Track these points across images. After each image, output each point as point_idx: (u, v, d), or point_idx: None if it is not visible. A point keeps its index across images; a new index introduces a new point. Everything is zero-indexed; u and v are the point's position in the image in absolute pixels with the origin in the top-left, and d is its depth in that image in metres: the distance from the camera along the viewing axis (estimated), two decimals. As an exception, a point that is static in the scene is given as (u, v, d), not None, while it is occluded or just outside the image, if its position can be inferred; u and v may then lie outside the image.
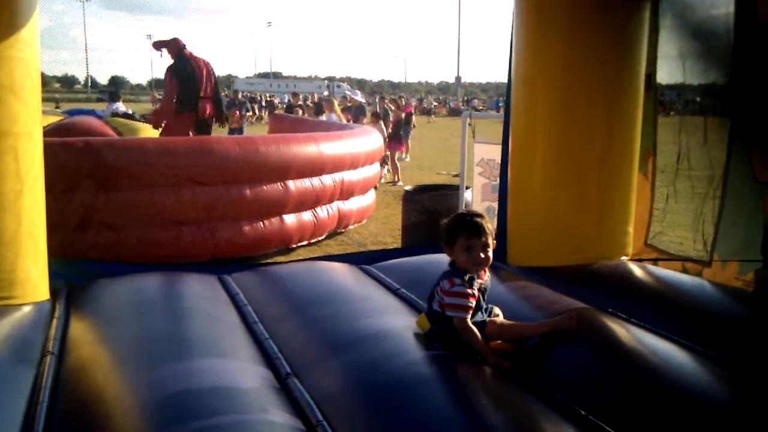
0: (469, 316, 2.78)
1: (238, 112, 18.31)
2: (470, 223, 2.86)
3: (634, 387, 2.66)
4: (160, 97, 10.08)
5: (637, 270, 4.21)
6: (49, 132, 6.61)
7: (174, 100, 8.34)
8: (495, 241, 2.91)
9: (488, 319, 2.90)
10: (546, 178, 4.46)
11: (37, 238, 3.58)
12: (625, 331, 3.16)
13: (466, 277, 2.81)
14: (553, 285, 3.85)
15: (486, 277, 2.92)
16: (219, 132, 17.96)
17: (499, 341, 2.92)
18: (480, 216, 2.94)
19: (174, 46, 8.38)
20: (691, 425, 2.40)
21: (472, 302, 2.80)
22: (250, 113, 28.41)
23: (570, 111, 4.34)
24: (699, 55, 4.54)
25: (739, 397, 2.62)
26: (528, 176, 4.57)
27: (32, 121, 3.52)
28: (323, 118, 14.06)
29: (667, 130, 4.94)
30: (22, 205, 3.45)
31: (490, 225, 2.92)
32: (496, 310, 3.00)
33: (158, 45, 8.43)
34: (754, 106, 4.13)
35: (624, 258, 4.56)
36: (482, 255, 2.82)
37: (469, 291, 2.79)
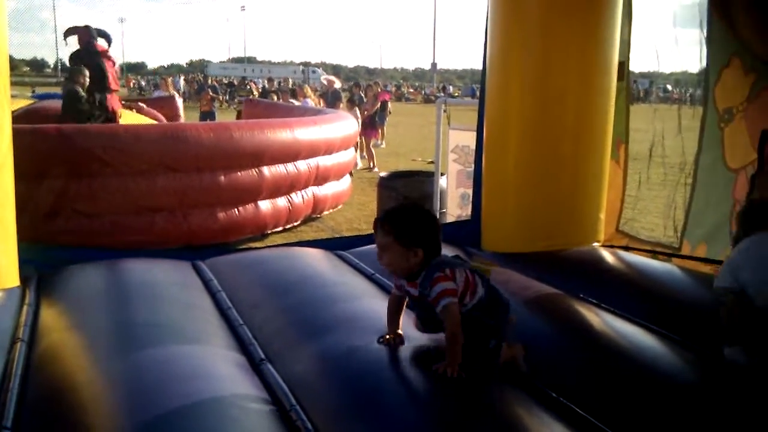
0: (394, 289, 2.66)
1: (208, 96, 18.09)
2: (376, 218, 2.58)
3: (603, 370, 2.72)
4: (135, 83, 9.80)
5: (608, 256, 4.27)
6: (17, 117, 6.47)
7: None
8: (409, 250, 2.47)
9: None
10: (519, 165, 4.50)
11: (5, 224, 3.53)
12: (596, 316, 3.21)
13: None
14: (526, 271, 3.90)
15: (413, 289, 2.54)
16: (191, 115, 17.87)
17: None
18: (398, 211, 2.62)
19: (84, 36, 7.71)
20: (658, 406, 2.45)
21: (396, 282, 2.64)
22: (221, 97, 28.09)
23: (543, 98, 4.37)
24: (672, 43, 4.59)
25: (705, 379, 2.68)
26: (502, 163, 4.60)
27: (-2, 107, 3.44)
28: (297, 103, 13.98)
29: (640, 118, 5.00)
30: (-14, 193, 3.39)
31: (400, 225, 2.50)
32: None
33: (68, 32, 7.80)
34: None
35: (595, 244, 4.62)
36: (377, 257, 2.57)
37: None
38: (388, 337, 2.64)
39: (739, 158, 4.28)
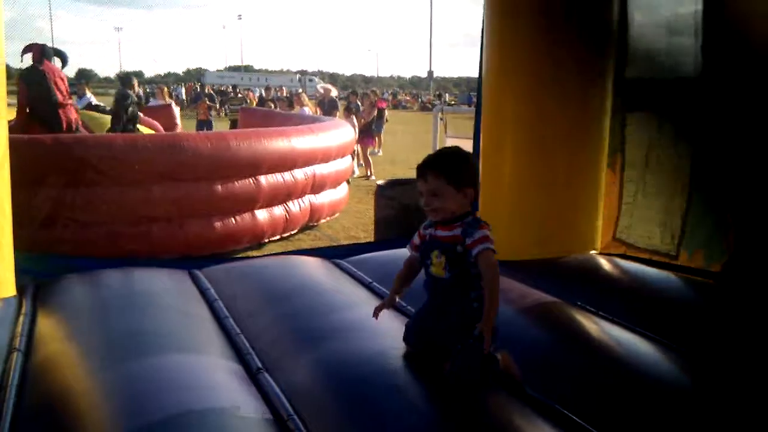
0: (410, 250, 2.68)
1: (205, 105, 18.11)
2: (423, 163, 2.59)
3: (601, 378, 2.71)
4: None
5: (605, 264, 4.28)
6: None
7: (27, 110, 7.92)
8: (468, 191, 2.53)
9: None
10: (516, 173, 4.50)
11: (2, 233, 3.52)
12: (594, 324, 3.21)
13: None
14: (523, 279, 3.89)
15: (445, 233, 2.53)
16: (188, 124, 17.86)
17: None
18: (442, 155, 2.67)
19: (36, 54, 8.02)
20: (656, 414, 2.45)
21: (415, 238, 2.67)
22: (217, 105, 28.03)
23: (539, 107, 4.38)
24: (667, 51, 4.60)
25: (702, 387, 2.68)
26: (498, 170, 4.61)
27: (-8, 117, 3.44)
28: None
29: (636, 126, 5.00)
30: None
31: (454, 167, 2.54)
32: None
33: (25, 49, 8.09)
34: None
35: (593, 252, 4.62)
36: (425, 203, 2.55)
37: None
38: (383, 302, 2.73)
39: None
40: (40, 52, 8.05)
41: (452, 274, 2.50)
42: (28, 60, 8.07)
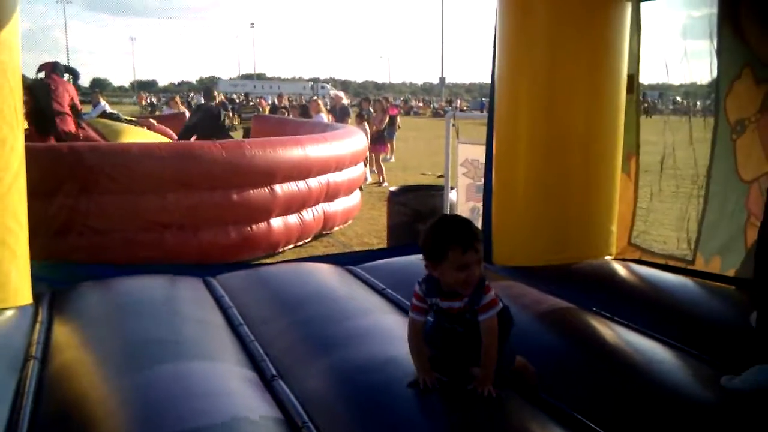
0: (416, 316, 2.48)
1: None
2: (465, 234, 2.37)
3: (617, 385, 2.69)
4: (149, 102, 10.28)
5: (620, 269, 4.24)
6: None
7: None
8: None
9: None
10: (530, 179, 4.48)
11: (16, 242, 3.54)
12: (609, 330, 3.18)
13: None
14: (538, 284, 3.87)
15: (453, 304, 2.43)
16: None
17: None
18: (468, 220, 2.51)
19: (47, 71, 8.58)
20: (673, 422, 2.42)
21: (418, 302, 2.47)
22: (229, 113, 28.09)
23: (553, 111, 4.37)
24: (681, 55, 4.58)
25: (720, 394, 2.65)
26: (512, 176, 4.59)
27: (8, 127, 3.47)
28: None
29: (650, 130, 4.98)
30: (-3, 211, 3.40)
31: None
32: None
33: (40, 68, 8.67)
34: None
35: (608, 257, 4.59)
36: (473, 274, 2.37)
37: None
38: (424, 379, 2.39)
39: (751, 170, 4.24)
40: (51, 69, 8.61)
41: (465, 329, 2.44)
42: (41, 76, 8.62)
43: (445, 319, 2.46)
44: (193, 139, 9.92)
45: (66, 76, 8.86)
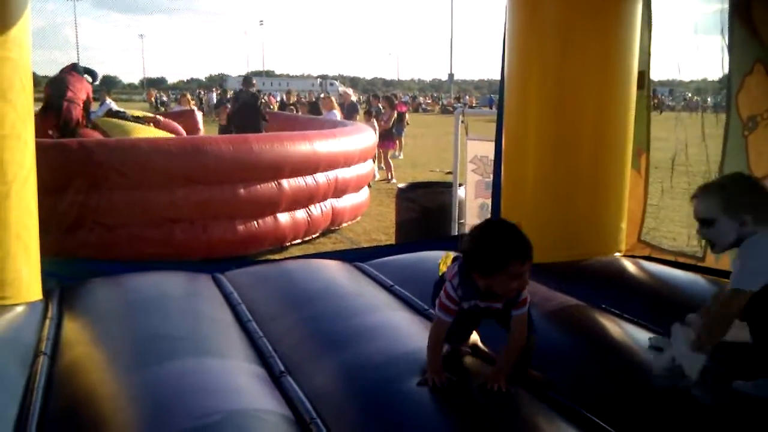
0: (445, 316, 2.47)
1: (227, 110, 18.18)
2: (524, 245, 2.39)
3: (627, 382, 2.67)
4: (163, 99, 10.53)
5: (630, 266, 4.22)
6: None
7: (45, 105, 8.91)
8: None
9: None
10: (539, 175, 4.46)
11: (28, 239, 3.56)
12: (619, 328, 3.17)
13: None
14: (547, 281, 3.86)
15: (493, 304, 2.49)
16: (210, 129, 18.00)
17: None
18: (517, 227, 2.48)
19: (68, 68, 9.16)
20: (683, 420, 2.40)
21: (451, 305, 2.47)
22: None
23: (562, 108, 4.35)
24: (693, 51, 4.55)
25: (731, 393, 2.63)
26: (521, 173, 4.57)
27: (21, 123, 3.49)
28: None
29: (661, 127, 4.95)
30: (10, 207, 3.43)
31: None
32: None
33: (62, 71, 9.12)
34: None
35: (617, 254, 4.57)
36: (525, 284, 2.41)
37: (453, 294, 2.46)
38: (435, 377, 2.39)
39: (764, 166, 4.21)
40: (71, 68, 9.24)
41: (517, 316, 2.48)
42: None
43: (486, 313, 2.54)
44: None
45: (85, 76, 9.29)
